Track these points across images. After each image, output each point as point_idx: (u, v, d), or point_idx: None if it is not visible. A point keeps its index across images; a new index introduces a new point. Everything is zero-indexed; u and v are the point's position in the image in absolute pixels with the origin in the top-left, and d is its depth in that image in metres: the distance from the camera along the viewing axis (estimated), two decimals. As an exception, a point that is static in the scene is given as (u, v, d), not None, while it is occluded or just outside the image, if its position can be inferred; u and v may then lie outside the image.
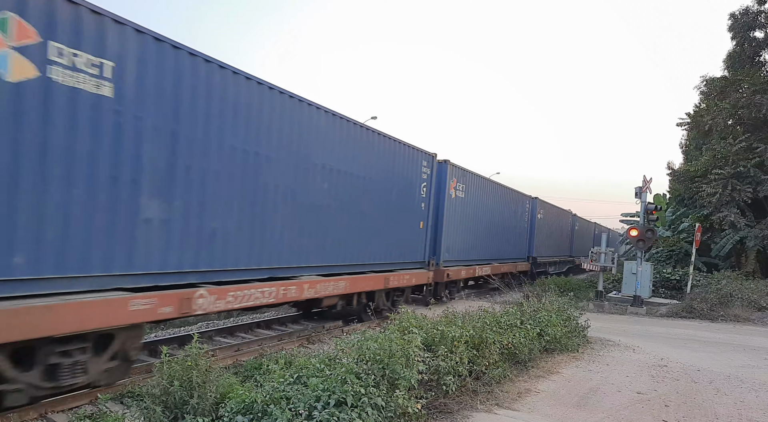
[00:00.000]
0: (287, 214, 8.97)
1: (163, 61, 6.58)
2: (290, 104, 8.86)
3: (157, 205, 6.60)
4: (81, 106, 5.66)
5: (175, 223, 6.90)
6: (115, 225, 6.15)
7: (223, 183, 7.58)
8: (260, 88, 8.19)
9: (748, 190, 20.93)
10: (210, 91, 7.28)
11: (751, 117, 21.65)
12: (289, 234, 9.04)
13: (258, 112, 8.17)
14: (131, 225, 6.34)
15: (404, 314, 6.75)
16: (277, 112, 8.57)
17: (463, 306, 10.18)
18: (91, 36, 5.74)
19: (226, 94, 7.54)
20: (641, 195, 18.14)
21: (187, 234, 7.07)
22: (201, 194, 7.23)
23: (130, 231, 6.33)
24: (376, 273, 11.68)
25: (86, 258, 5.85)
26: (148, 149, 6.44)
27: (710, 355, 10.37)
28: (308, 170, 9.40)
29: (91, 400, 6.13)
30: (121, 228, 6.23)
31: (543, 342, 8.95)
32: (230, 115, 7.64)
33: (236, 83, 7.72)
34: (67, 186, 5.61)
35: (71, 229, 5.69)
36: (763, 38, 23.56)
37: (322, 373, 5.01)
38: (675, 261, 23.48)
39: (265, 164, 8.38)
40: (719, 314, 15.93)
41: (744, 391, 7.74)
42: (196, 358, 4.82)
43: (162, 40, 6.55)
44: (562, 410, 6.35)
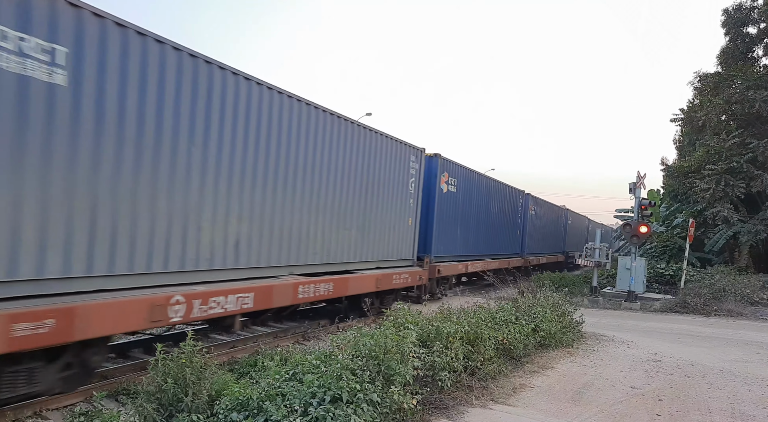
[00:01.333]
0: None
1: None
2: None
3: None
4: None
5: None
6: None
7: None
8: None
9: (741, 185, 21.03)
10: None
11: (744, 112, 21.74)
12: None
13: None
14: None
15: (400, 310, 6.77)
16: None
17: (458, 302, 10.21)
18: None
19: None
20: (635, 190, 18.21)
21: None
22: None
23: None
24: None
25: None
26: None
27: (704, 350, 10.44)
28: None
29: (87, 398, 6.12)
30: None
31: (538, 337, 8.99)
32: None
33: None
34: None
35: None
36: (756, 34, 23.65)
37: (318, 370, 5.02)
38: (669, 257, 23.58)
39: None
40: (712, 309, 16.03)
41: (737, 385, 7.80)
42: (191, 356, 4.82)
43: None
44: (557, 405, 6.38)
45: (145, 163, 6.49)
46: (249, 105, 8.11)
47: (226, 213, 7.77)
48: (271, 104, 8.58)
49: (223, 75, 7.58)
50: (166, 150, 6.74)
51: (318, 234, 9.97)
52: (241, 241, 8.10)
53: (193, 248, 7.26)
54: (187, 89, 7.01)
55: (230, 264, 7.94)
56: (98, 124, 5.93)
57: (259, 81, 8.32)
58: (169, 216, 6.88)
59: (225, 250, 7.83)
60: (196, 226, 7.29)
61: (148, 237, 6.60)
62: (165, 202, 6.80)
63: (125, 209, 6.30)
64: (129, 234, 6.36)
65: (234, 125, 7.81)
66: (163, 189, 6.76)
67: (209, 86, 7.34)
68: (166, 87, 6.68)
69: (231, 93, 7.73)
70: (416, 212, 13.69)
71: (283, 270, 9.21)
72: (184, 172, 7.04)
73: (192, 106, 7.08)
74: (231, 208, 7.84)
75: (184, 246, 7.14)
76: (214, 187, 7.53)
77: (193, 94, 7.09)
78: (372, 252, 11.91)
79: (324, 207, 10.09)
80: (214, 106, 7.41)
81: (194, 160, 7.17)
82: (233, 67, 7.75)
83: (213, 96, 7.40)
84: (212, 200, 7.53)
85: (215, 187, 7.55)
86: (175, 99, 6.84)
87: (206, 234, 7.46)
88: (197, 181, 7.25)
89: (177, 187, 6.95)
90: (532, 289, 12.59)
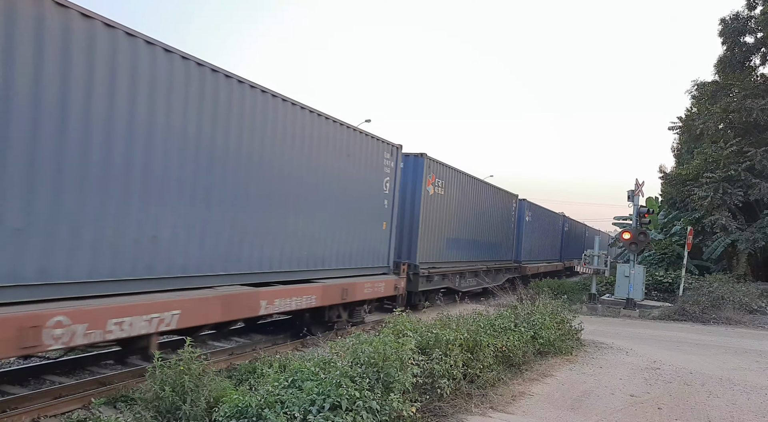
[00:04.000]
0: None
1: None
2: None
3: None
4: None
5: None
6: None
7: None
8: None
9: (739, 193, 21.09)
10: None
11: (742, 121, 21.82)
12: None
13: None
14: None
15: (399, 317, 6.76)
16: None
17: (457, 310, 10.20)
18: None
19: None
20: (634, 198, 18.27)
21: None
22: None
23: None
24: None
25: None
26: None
27: (702, 358, 10.44)
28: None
29: (84, 404, 6.09)
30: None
31: (537, 345, 8.98)
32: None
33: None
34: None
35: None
36: (754, 43, 23.77)
37: (317, 377, 5.00)
38: (667, 264, 23.60)
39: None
40: (711, 317, 16.03)
41: (736, 393, 7.79)
42: (189, 363, 4.81)
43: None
44: (556, 413, 6.37)
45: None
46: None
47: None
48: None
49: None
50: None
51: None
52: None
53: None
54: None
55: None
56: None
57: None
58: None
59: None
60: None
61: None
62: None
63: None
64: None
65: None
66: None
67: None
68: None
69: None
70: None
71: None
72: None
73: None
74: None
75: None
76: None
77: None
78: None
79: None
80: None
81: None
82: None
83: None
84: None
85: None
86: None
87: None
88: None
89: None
90: (531, 296, 12.58)
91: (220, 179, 7.70)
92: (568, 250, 34.80)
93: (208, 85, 7.43)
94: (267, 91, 8.49)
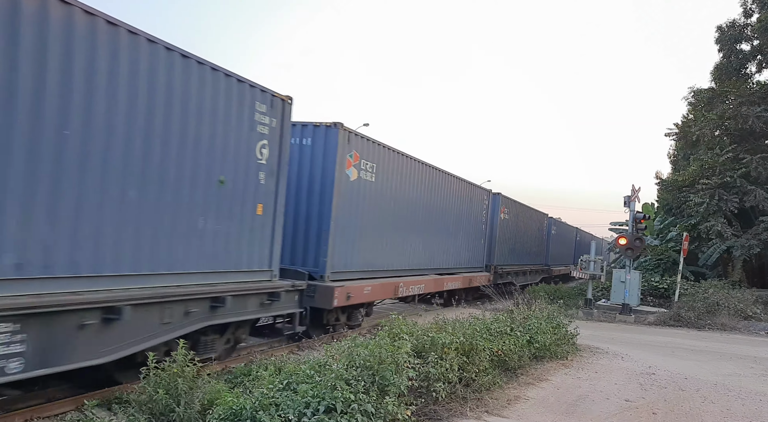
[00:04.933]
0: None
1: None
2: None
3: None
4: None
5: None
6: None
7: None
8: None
9: (735, 200, 21.19)
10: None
11: (738, 128, 21.97)
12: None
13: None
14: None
15: (395, 321, 6.76)
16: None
17: (453, 313, 10.19)
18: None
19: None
20: (630, 204, 18.31)
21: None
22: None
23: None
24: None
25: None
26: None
27: (697, 363, 10.45)
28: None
29: (78, 406, 6.06)
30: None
31: (532, 349, 8.98)
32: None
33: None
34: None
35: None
36: (750, 51, 23.95)
37: (312, 379, 5.00)
38: (663, 270, 23.65)
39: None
40: (706, 323, 16.07)
41: (731, 399, 7.81)
42: (183, 365, 4.79)
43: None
44: (551, 417, 6.37)
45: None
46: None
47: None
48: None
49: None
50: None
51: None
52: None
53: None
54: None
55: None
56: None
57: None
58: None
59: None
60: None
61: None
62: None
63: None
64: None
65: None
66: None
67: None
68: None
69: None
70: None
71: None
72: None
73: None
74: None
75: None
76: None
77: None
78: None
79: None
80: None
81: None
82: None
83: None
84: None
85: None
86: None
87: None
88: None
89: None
90: (528, 301, 12.58)
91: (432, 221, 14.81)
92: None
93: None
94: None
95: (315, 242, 10.29)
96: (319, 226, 10.28)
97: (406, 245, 13.53)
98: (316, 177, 10.34)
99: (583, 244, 37.60)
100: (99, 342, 5.74)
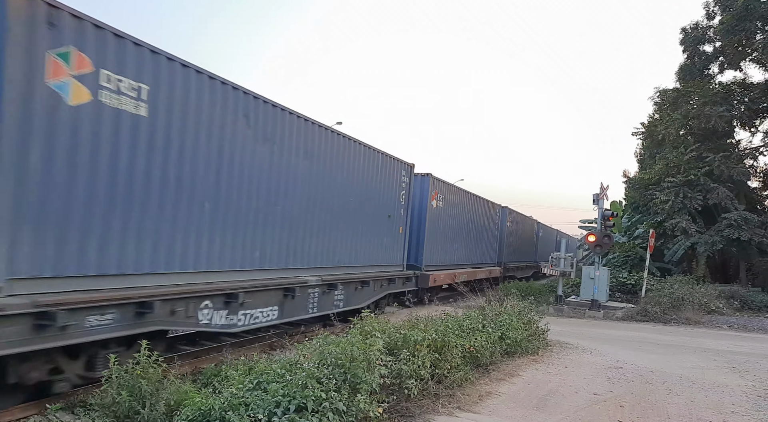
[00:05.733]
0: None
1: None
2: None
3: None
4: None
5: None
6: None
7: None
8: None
9: (699, 197, 21.77)
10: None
11: (701, 127, 22.55)
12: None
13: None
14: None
15: (367, 318, 6.74)
16: None
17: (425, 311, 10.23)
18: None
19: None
20: (598, 202, 18.64)
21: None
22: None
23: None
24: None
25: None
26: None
27: (663, 357, 10.70)
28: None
29: (40, 410, 5.88)
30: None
31: (504, 345, 9.07)
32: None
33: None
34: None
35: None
36: (712, 52, 24.58)
37: (283, 378, 4.94)
38: (630, 266, 24.16)
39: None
40: (672, 317, 16.48)
41: (695, 391, 8.01)
42: (146, 366, 4.69)
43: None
44: (522, 412, 6.43)
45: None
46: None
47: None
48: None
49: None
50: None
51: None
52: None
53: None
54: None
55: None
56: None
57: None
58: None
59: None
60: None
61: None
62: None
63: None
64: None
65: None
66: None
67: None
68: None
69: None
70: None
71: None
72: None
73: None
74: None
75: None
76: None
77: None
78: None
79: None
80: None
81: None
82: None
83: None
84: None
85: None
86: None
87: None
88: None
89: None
90: (500, 298, 12.71)
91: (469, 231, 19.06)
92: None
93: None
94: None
95: (416, 246, 15.77)
96: (418, 236, 15.87)
97: (457, 248, 19.43)
98: (416, 205, 15.62)
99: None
100: (362, 296, 12.20)
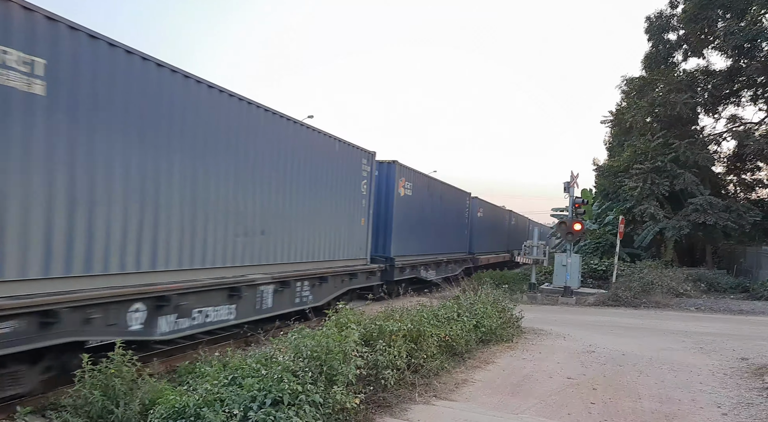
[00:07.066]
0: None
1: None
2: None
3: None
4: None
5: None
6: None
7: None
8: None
9: (666, 183, 22.28)
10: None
11: (667, 114, 23.06)
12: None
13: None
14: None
15: (342, 310, 6.73)
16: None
17: (401, 302, 10.27)
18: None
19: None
20: (569, 189, 18.93)
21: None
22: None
23: None
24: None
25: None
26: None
27: (634, 340, 10.96)
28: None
29: (9, 414, 5.74)
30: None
31: (479, 333, 9.17)
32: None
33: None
34: None
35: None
36: (676, 40, 25.11)
37: (258, 373, 4.91)
38: (601, 253, 24.63)
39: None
40: (642, 301, 16.89)
41: (664, 372, 8.23)
42: (120, 365, 4.61)
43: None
44: (498, 398, 6.52)
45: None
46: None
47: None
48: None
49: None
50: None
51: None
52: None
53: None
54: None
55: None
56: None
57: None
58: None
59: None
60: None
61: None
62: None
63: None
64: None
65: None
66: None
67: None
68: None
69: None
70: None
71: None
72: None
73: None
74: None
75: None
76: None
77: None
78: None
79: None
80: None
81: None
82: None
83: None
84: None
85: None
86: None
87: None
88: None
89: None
90: (474, 287, 12.83)
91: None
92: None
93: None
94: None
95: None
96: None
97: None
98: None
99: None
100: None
